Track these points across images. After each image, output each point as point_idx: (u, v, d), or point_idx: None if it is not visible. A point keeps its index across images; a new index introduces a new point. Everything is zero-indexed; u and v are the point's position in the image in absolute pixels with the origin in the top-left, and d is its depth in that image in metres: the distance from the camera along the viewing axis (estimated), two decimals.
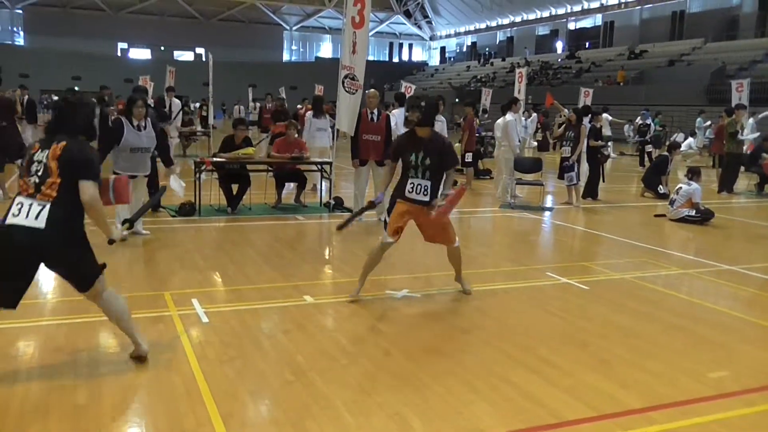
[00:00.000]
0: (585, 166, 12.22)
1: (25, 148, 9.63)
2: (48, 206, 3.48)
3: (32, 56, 50.80)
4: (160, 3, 55.82)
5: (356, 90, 8.52)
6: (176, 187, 7.10)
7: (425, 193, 5.17)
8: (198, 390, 3.58)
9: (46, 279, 5.65)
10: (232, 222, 8.76)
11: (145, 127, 7.15)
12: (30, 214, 3.47)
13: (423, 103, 5.18)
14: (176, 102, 15.33)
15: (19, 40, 55.43)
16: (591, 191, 11.89)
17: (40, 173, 3.54)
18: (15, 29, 55.41)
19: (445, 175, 5.28)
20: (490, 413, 3.45)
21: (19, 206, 3.51)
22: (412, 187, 5.20)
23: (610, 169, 17.94)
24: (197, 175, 9.03)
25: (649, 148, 19.51)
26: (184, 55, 56.77)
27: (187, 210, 8.84)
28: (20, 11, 54.79)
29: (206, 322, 4.69)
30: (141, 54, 56.59)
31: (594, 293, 5.83)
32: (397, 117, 10.49)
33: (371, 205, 5.56)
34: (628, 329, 4.89)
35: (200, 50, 55.74)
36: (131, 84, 27.72)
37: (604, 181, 12.45)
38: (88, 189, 3.55)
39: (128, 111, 7.14)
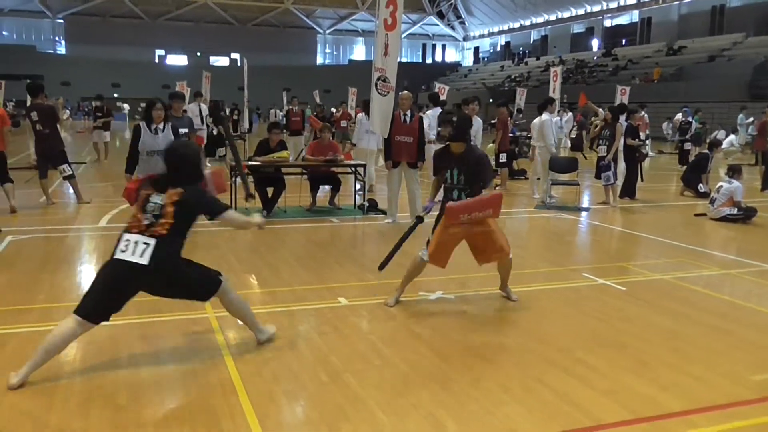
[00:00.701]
0: (622, 165, 12.04)
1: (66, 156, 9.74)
2: (154, 244, 3.71)
3: (73, 64, 52.14)
4: (196, 10, 56.75)
5: (388, 92, 8.52)
6: None
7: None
8: (235, 391, 3.63)
9: (87, 282, 5.80)
10: (267, 224, 8.76)
11: (162, 130, 7.25)
12: (136, 251, 3.70)
13: (454, 118, 5.06)
14: (204, 107, 15.63)
15: (61, 49, 56.91)
16: (629, 190, 11.70)
17: (155, 213, 3.79)
18: (57, 38, 56.91)
19: (483, 189, 5.05)
20: (524, 415, 3.42)
21: (127, 243, 3.74)
22: None
23: (649, 168, 17.65)
24: (233, 179, 9.14)
25: (687, 146, 19.10)
26: (220, 61, 57.57)
27: None
28: (61, 21, 56.26)
29: (242, 324, 4.74)
30: (178, 60, 57.57)
31: (632, 294, 5.74)
32: (430, 118, 10.49)
33: (419, 220, 5.27)
34: (667, 331, 4.79)
35: (235, 55, 56.44)
36: (169, 90, 28.22)
37: (642, 180, 12.23)
38: (230, 217, 4.09)
39: (147, 114, 7.24)
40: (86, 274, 6.20)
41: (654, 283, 6.18)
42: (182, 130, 8.51)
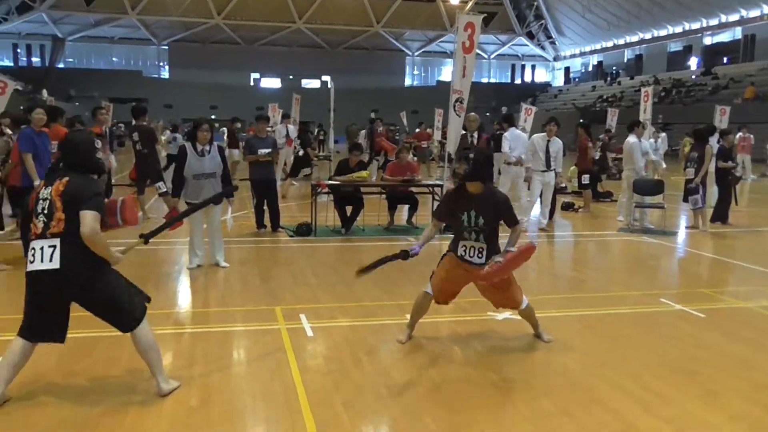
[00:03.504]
0: (714, 189, 11.57)
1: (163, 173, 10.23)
2: (58, 245, 3.51)
3: (175, 88, 55.11)
4: (289, 35, 58.79)
5: (462, 113, 8.62)
6: (227, 220, 7.08)
7: (480, 255, 4.62)
8: (297, 399, 3.80)
9: (175, 292, 6.19)
10: (346, 242, 9.08)
11: (209, 152, 6.88)
12: (44, 257, 3.50)
13: (471, 155, 4.64)
14: (291, 128, 16.34)
15: (164, 74, 60.32)
16: (720, 215, 11.19)
17: (45, 211, 3.57)
18: (161, 63, 60.42)
19: (510, 232, 4.68)
20: None
21: (33, 252, 3.56)
22: (465, 251, 4.67)
23: (748, 191, 16.80)
24: (314, 197, 9.46)
25: None
26: (311, 83, 59.27)
27: (303, 230, 9.27)
28: (165, 47, 59.73)
29: (311, 336, 4.94)
30: (271, 83, 59.73)
31: (710, 321, 5.52)
32: (509, 139, 10.43)
33: (403, 255, 4.72)
34: (743, 360, 4.60)
35: (326, 78, 57.96)
36: (262, 112, 29.37)
37: (736, 204, 11.69)
38: (86, 220, 3.50)
39: (193, 135, 6.89)
40: (175, 284, 6.60)
41: (736, 312, 5.92)
42: (264, 150, 8.96)
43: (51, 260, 3.49)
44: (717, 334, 5.21)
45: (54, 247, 3.50)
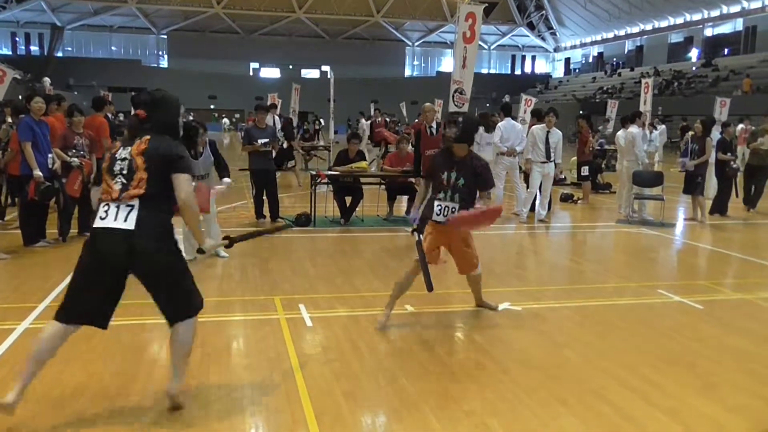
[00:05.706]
0: (713, 181, 11.57)
1: None
2: (137, 205, 3.23)
3: (174, 77, 54.84)
4: (289, 24, 58.57)
5: (463, 104, 8.59)
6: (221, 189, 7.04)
7: (453, 214, 4.86)
8: (296, 389, 3.80)
9: None
10: (345, 233, 9.07)
11: (201, 154, 6.89)
12: (119, 216, 3.22)
13: (460, 118, 4.96)
14: (277, 119, 16.25)
15: (163, 63, 60.11)
16: (719, 207, 11.21)
17: (125, 172, 3.28)
18: (160, 53, 60.20)
19: (478, 196, 4.99)
20: (580, 429, 3.41)
21: (106, 209, 3.27)
22: (440, 210, 4.94)
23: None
24: (313, 188, 9.44)
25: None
26: (311, 73, 59.11)
27: (302, 221, 9.26)
28: (165, 36, 59.48)
29: (310, 326, 4.94)
30: (271, 73, 59.55)
31: (708, 313, 5.53)
32: (502, 129, 10.36)
33: (414, 231, 5.06)
34: (741, 352, 4.61)
35: (326, 68, 57.80)
36: (262, 101, 29.28)
37: (737, 196, 11.69)
38: (183, 184, 3.29)
39: (191, 141, 6.62)
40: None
41: (734, 303, 5.93)
42: (263, 141, 8.95)
43: (126, 220, 3.21)
44: (715, 325, 5.22)
45: (132, 207, 3.23)
